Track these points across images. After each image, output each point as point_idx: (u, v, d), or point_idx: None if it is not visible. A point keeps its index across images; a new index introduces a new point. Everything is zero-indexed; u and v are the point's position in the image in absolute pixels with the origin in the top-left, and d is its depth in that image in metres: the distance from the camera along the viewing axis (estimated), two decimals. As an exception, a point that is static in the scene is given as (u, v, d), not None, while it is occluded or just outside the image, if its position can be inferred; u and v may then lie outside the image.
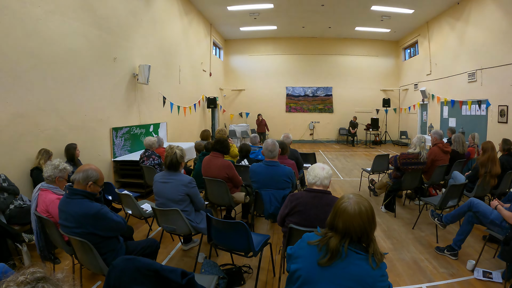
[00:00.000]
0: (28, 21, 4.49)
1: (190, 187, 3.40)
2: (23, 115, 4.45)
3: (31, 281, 0.99)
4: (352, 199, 1.68)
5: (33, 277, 1.00)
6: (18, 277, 0.99)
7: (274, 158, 3.95)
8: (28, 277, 0.99)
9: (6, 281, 0.99)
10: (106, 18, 6.32)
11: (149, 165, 5.63)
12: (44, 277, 1.02)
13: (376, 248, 1.65)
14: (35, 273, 1.02)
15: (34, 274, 1.01)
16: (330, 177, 2.71)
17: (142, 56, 7.75)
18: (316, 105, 17.18)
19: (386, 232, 4.70)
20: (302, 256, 1.70)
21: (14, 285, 0.97)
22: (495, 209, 3.50)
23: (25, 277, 0.99)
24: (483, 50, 9.51)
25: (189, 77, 11.53)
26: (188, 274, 1.79)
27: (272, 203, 3.68)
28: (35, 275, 1.01)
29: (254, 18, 13.17)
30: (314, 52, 16.86)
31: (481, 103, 9.64)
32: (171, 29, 9.78)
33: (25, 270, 1.02)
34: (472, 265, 3.51)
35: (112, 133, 6.56)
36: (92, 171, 2.58)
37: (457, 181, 5.06)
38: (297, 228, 2.65)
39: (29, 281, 0.98)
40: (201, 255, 3.68)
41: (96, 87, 6.03)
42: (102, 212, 2.48)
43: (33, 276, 1.01)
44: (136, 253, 2.78)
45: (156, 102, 8.75)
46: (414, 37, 14.66)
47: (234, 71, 17.36)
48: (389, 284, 1.66)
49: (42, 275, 1.02)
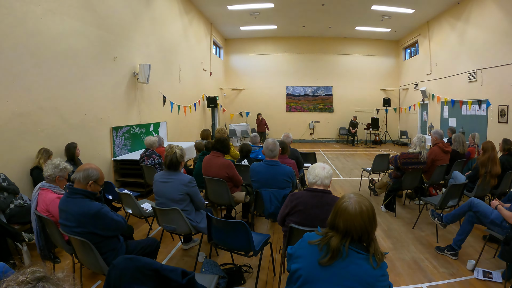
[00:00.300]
0: (29, 20, 4.49)
1: (190, 186, 3.39)
2: (23, 114, 4.45)
3: (32, 281, 0.98)
4: (353, 198, 1.67)
5: (33, 276, 0.99)
6: (19, 276, 0.99)
7: (275, 157, 3.94)
8: (29, 277, 0.99)
9: (6, 281, 0.98)
10: (107, 17, 6.32)
11: (150, 165, 5.63)
12: (45, 276, 1.02)
13: (377, 248, 1.64)
14: (35, 272, 1.01)
15: (34, 273, 1.00)
16: (330, 177, 2.71)
17: (142, 55, 7.74)
18: (316, 104, 17.17)
19: (386, 231, 4.70)
20: (303, 256, 1.70)
21: (15, 284, 0.96)
22: (495, 209, 3.50)
23: (25, 277, 0.98)
24: (484, 50, 9.50)
25: (189, 77, 11.52)
26: (189, 273, 1.79)
27: (272, 203, 3.69)
28: (36, 274, 1.00)
29: (254, 17, 13.16)
30: (315, 52, 16.85)
31: (481, 103, 9.63)
32: (171, 28, 9.77)
33: (26, 270, 1.01)
34: (472, 265, 3.51)
35: (112, 132, 6.56)
36: (92, 170, 2.58)
37: (457, 181, 5.05)
38: (298, 228, 2.65)
39: (29, 281, 0.98)
40: (201, 255, 3.67)
41: (96, 86, 6.02)
42: (102, 211, 2.48)
43: (34, 275, 1.00)
44: (136, 252, 2.77)
45: (156, 101, 8.75)
46: (415, 36, 14.65)
47: (234, 70, 17.35)
48: (389, 284, 1.66)
49: (43, 274, 1.02)
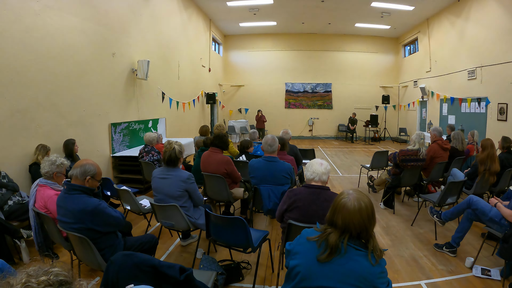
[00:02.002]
0: (26, 16, 4.45)
1: (188, 182, 3.38)
2: (21, 110, 4.42)
3: (53, 283, 0.92)
4: (352, 195, 1.66)
5: (56, 279, 0.93)
6: (41, 274, 0.92)
7: (274, 153, 3.92)
8: (51, 278, 0.92)
9: (26, 273, 0.92)
10: (105, 13, 6.27)
11: (149, 161, 5.62)
12: (68, 281, 0.95)
13: (376, 245, 1.63)
14: (59, 275, 0.95)
15: (58, 276, 0.94)
16: (328, 173, 2.70)
17: (141, 52, 7.70)
18: (315, 101, 17.16)
19: (384, 228, 4.71)
20: (301, 252, 1.69)
21: (35, 282, 0.90)
22: (494, 206, 3.50)
23: (47, 278, 0.92)
24: (483, 48, 9.49)
25: (188, 73, 11.48)
26: (187, 269, 1.78)
27: (271, 199, 3.67)
28: (59, 277, 0.94)
29: (253, 13, 13.11)
30: (314, 48, 16.81)
31: (480, 101, 9.63)
32: (170, 24, 9.73)
33: (49, 269, 0.95)
34: (470, 262, 3.52)
35: (111, 129, 6.54)
36: (89, 166, 2.57)
37: (456, 178, 5.07)
38: (296, 224, 2.64)
39: (51, 283, 0.92)
40: (200, 251, 3.67)
41: (94, 83, 5.99)
42: (100, 207, 2.47)
43: (57, 278, 0.93)
44: (134, 249, 2.76)
45: (155, 97, 8.73)
46: (414, 34, 14.62)
47: (234, 66, 17.31)
48: (388, 280, 1.65)
49: (66, 279, 0.95)
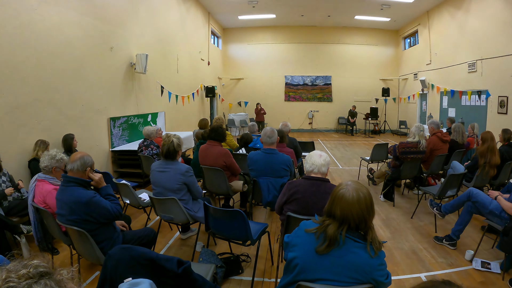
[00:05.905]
0: (23, 11, 4.40)
1: (187, 176, 3.36)
2: (19, 106, 4.39)
3: (34, 276, 0.90)
4: (350, 185, 1.65)
5: (36, 271, 0.91)
6: (20, 269, 0.91)
7: (273, 145, 3.90)
8: (31, 271, 0.91)
9: (6, 269, 0.90)
10: (102, 7, 6.20)
11: (148, 155, 5.60)
12: (48, 272, 0.94)
13: (375, 236, 1.62)
14: (38, 267, 0.93)
15: (37, 267, 0.92)
16: (327, 165, 2.68)
17: (139, 45, 7.64)
18: (315, 94, 17.10)
19: (384, 221, 4.71)
20: (299, 244, 1.68)
21: (15, 277, 0.88)
22: (494, 199, 3.49)
23: (27, 271, 0.90)
24: (484, 40, 9.42)
25: (187, 66, 11.41)
26: (184, 262, 1.78)
27: (270, 192, 3.66)
28: (39, 269, 0.92)
29: (252, 6, 13.00)
30: (313, 41, 16.70)
31: (481, 94, 9.58)
32: (168, 17, 9.64)
33: (28, 262, 0.93)
34: (470, 255, 3.52)
35: (110, 123, 6.51)
36: (87, 157, 2.65)
37: (456, 171, 5.05)
38: (295, 216, 2.63)
39: (31, 276, 0.90)
40: (199, 244, 3.67)
41: (93, 77, 5.95)
42: (94, 200, 2.48)
43: (37, 270, 0.92)
44: (133, 242, 2.76)
45: (154, 91, 8.68)
46: (414, 26, 14.51)
47: (233, 60, 17.22)
48: (387, 273, 1.64)
49: (46, 270, 0.94)
